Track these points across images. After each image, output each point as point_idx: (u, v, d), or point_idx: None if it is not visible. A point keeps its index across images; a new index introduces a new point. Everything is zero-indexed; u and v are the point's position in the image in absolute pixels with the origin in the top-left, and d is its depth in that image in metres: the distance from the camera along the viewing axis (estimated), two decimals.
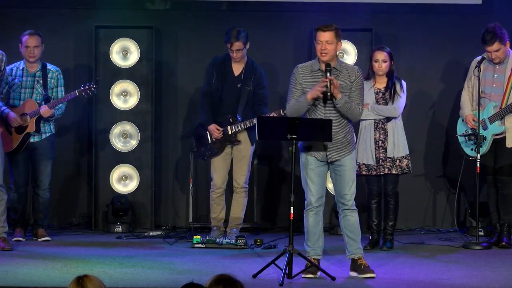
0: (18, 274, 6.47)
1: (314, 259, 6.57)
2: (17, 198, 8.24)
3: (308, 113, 6.54)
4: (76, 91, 8.19)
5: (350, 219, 6.58)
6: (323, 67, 6.50)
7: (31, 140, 8.16)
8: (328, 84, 6.36)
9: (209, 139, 8.25)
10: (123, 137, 9.16)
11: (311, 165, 6.58)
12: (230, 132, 8.18)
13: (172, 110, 9.40)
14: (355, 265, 6.57)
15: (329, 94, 6.39)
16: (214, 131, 8.19)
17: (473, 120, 7.98)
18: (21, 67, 8.24)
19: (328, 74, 6.41)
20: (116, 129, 9.16)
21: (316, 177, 6.58)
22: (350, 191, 6.55)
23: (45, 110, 8.05)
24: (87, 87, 8.20)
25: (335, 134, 6.46)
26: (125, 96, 9.16)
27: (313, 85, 6.46)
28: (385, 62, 7.80)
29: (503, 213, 8.06)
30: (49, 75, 8.26)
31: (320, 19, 9.16)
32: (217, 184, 8.30)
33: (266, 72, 8.55)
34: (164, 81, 9.37)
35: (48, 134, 8.25)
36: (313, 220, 6.62)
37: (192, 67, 9.34)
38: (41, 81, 8.22)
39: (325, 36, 6.48)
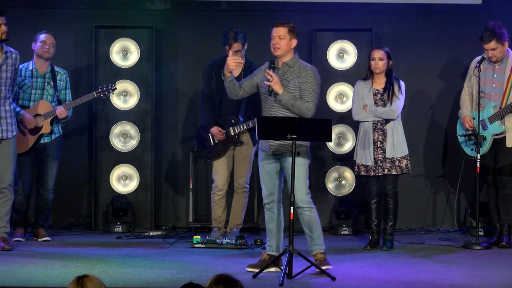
0: (18, 274, 6.47)
1: (268, 254, 6.69)
2: (21, 200, 8.24)
3: (263, 109, 6.73)
4: (94, 92, 8.24)
5: (304, 217, 6.64)
6: (279, 63, 6.69)
7: (42, 141, 8.18)
8: (268, 78, 6.54)
9: (212, 141, 8.25)
10: (123, 137, 9.16)
11: (262, 162, 6.74)
12: (232, 134, 8.18)
13: (172, 110, 9.40)
14: (315, 260, 6.61)
15: (269, 89, 6.59)
16: (216, 133, 8.18)
17: (470, 122, 7.98)
18: (30, 68, 8.25)
19: (272, 71, 6.59)
20: (116, 129, 9.16)
21: (265, 174, 6.72)
22: (297, 189, 6.53)
23: (61, 111, 8.09)
24: (105, 88, 8.23)
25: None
26: (125, 96, 9.16)
27: (261, 81, 6.71)
28: (382, 60, 7.80)
29: (503, 213, 8.06)
30: (58, 77, 8.29)
31: (320, 19, 9.22)
32: (218, 186, 8.30)
33: None
34: (164, 81, 9.37)
35: (57, 135, 8.28)
36: (268, 217, 6.76)
37: (192, 67, 9.34)
38: (51, 83, 8.24)
39: (278, 31, 6.69)
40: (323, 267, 6.53)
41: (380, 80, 7.87)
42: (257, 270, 6.49)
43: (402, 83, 7.89)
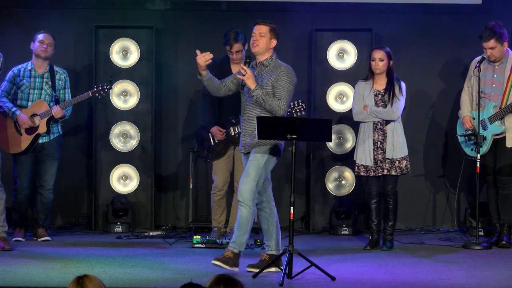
0: (18, 274, 6.47)
1: (268, 254, 6.68)
2: (20, 200, 8.24)
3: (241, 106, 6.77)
4: (90, 91, 8.23)
5: (239, 212, 6.59)
6: (256, 61, 6.74)
7: (40, 141, 8.18)
8: (242, 72, 6.57)
9: (212, 141, 8.25)
10: (123, 137, 9.16)
11: (244, 163, 6.73)
12: (233, 133, 8.17)
13: (172, 110, 9.40)
14: (224, 255, 6.59)
15: (242, 83, 6.64)
16: (217, 133, 8.18)
17: (470, 122, 7.98)
18: (28, 68, 8.24)
19: (247, 66, 6.64)
20: (116, 129, 9.16)
21: (240, 172, 6.78)
22: (242, 182, 6.54)
23: (57, 111, 8.08)
24: (100, 87, 8.23)
25: (251, 126, 6.61)
26: (125, 96, 9.16)
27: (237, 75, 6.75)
28: (382, 60, 7.80)
29: (503, 213, 8.06)
30: (57, 77, 8.28)
31: (320, 19, 9.22)
32: (218, 186, 8.30)
33: None
34: (164, 81, 9.37)
35: (56, 135, 8.27)
36: (261, 217, 6.81)
37: (192, 67, 9.26)
38: (49, 82, 8.24)
39: (259, 29, 6.74)
40: (219, 263, 6.44)
41: (381, 81, 7.87)
42: (257, 270, 6.49)
43: (403, 84, 7.88)
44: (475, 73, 7.94)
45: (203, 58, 6.67)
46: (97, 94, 8.25)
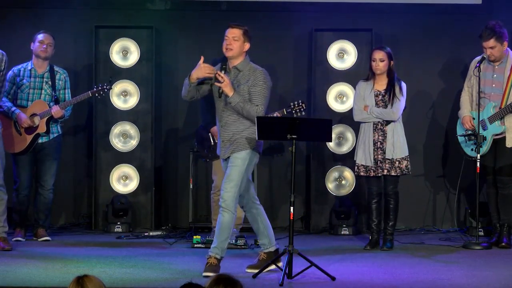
0: (18, 274, 6.47)
1: (265, 253, 6.68)
2: (20, 200, 8.24)
3: (216, 112, 6.66)
4: (90, 91, 8.23)
5: (220, 217, 6.54)
6: (229, 65, 6.63)
7: (39, 140, 8.18)
8: (219, 79, 6.47)
9: (212, 141, 8.24)
10: (123, 137, 9.16)
11: (224, 167, 6.69)
12: None
13: (172, 110, 9.40)
14: (206, 263, 6.53)
15: (219, 91, 6.52)
16: (217, 133, 8.16)
17: (470, 122, 7.98)
18: (29, 68, 8.25)
19: (222, 72, 6.53)
20: (116, 129, 9.16)
21: (222, 178, 6.66)
22: (225, 187, 6.50)
23: (56, 111, 8.08)
24: (100, 87, 8.23)
25: (229, 134, 6.55)
26: (125, 96, 9.16)
27: (213, 83, 6.63)
28: (383, 61, 7.79)
29: (503, 213, 8.06)
30: (57, 77, 8.29)
31: (320, 19, 9.22)
32: (218, 186, 8.28)
33: None
34: (164, 81, 9.38)
35: (55, 135, 8.27)
36: (249, 218, 6.78)
37: (192, 67, 9.27)
38: (49, 82, 8.24)
39: (232, 32, 6.63)
40: (209, 273, 6.34)
41: (382, 81, 7.86)
42: (256, 271, 6.49)
43: (404, 85, 7.88)
44: (475, 73, 7.94)
45: (207, 70, 6.57)
46: (96, 94, 8.26)
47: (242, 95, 6.53)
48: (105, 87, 8.27)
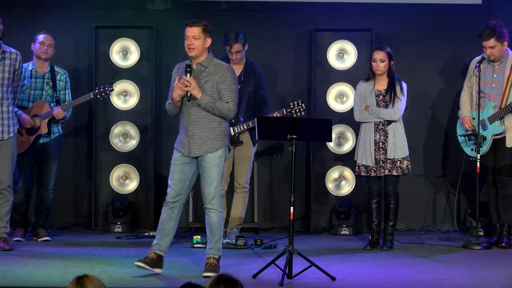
0: (18, 274, 6.47)
1: (155, 253, 6.56)
2: (21, 200, 8.24)
3: (182, 111, 6.54)
4: (91, 93, 8.23)
5: (209, 219, 6.53)
6: (193, 63, 6.53)
7: (40, 141, 8.18)
8: (186, 84, 6.38)
9: None
10: (123, 137, 9.16)
11: (176, 161, 6.58)
12: (233, 133, 8.17)
13: None
14: (205, 264, 6.52)
15: (188, 95, 6.42)
16: None
17: (470, 122, 7.98)
18: (29, 68, 8.24)
19: (188, 75, 6.44)
20: (116, 129, 9.16)
21: (177, 173, 6.55)
22: (209, 190, 6.47)
23: (58, 112, 8.08)
24: (102, 89, 8.23)
25: (198, 130, 6.46)
26: (125, 96, 9.16)
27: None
28: (383, 61, 7.79)
29: (503, 213, 8.06)
30: (58, 77, 8.29)
31: (320, 19, 9.22)
32: None
33: (266, 72, 8.56)
34: (164, 81, 9.36)
35: (56, 135, 8.28)
36: (167, 216, 6.61)
37: None
38: (50, 83, 8.24)
39: (192, 31, 6.53)
40: (209, 274, 6.34)
41: (382, 81, 7.86)
42: (146, 266, 6.44)
43: (404, 85, 7.88)
44: (475, 73, 7.94)
45: (184, 85, 6.41)
46: (98, 96, 8.26)
47: (210, 94, 6.45)
48: (106, 88, 8.27)
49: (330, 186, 9.11)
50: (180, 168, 6.56)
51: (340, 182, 9.09)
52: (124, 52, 9.17)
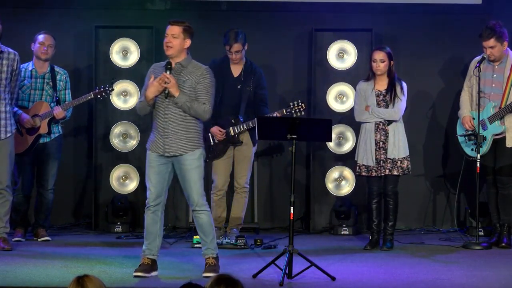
0: (18, 274, 6.47)
1: (148, 258, 6.54)
2: (21, 200, 8.24)
3: (156, 110, 6.49)
4: (92, 93, 8.23)
5: (199, 220, 6.51)
6: (173, 63, 6.49)
7: (40, 141, 8.18)
8: (166, 81, 6.35)
9: (212, 141, 8.25)
10: (123, 137, 9.16)
11: (151, 163, 6.53)
12: (232, 133, 8.17)
13: None
14: (205, 264, 6.52)
15: (166, 92, 6.40)
16: (216, 133, 8.17)
17: (470, 122, 7.98)
18: (29, 68, 8.24)
19: (168, 72, 6.41)
20: (116, 129, 9.16)
21: (155, 175, 6.51)
22: (193, 192, 6.45)
23: (58, 112, 8.08)
24: (102, 89, 8.23)
25: (174, 129, 6.42)
26: (125, 96, 9.16)
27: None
28: (383, 62, 7.79)
29: (503, 213, 8.06)
30: (58, 77, 8.29)
31: (320, 19, 9.22)
32: (218, 186, 8.30)
33: (266, 72, 8.55)
34: None
35: (56, 135, 8.28)
36: (151, 220, 6.55)
37: None
38: (50, 83, 8.24)
39: (172, 30, 6.47)
40: (209, 274, 6.34)
41: (382, 81, 7.86)
42: (144, 274, 6.41)
43: (404, 84, 7.88)
44: (475, 73, 7.94)
45: (161, 81, 6.36)
46: (98, 96, 8.26)
47: (188, 94, 6.42)
48: (107, 88, 8.27)
49: (330, 186, 9.11)
50: (156, 169, 6.52)
51: (340, 182, 9.09)
52: (124, 52, 9.17)
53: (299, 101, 8.14)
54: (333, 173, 9.10)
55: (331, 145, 9.06)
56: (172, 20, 6.52)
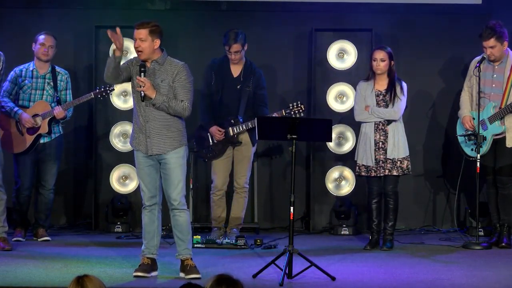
0: (18, 274, 6.47)
1: (148, 257, 6.54)
2: (21, 200, 8.24)
3: (136, 109, 6.47)
4: (92, 93, 8.23)
5: (178, 219, 6.49)
6: (148, 62, 6.45)
7: (41, 141, 8.18)
8: (140, 84, 6.32)
9: (211, 141, 8.25)
10: (123, 137, 9.16)
11: (140, 165, 6.54)
12: (232, 133, 8.17)
13: None
14: (183, 266, 6.48)
15: (141, 95, 6.36)
16: (216, 132, 8.17)
17: (470, 122, 7.98)
18: (30, 68, 8.24)
19: (142, 75, 6.37)
20: (116, 129, 9.16)
21: (146, 176, 6.52)
22: (175, 191, 6.42)
23: (58, 112, 8.08)
24: (102, 89, 8.23)
25: (156, 129, 6.39)
26: (125, 96, 9.16)
27: (134, 85, 6.45)
28: (383, 61, 7.79)
29: (503, 213, 8.06)
30: (59, 77, 8.29)
31: (320, 19, 9.22)
32: (218, 186, 8.29)
33: (266, 72, 8.56)
34: None
35: (57, 135, 8.28)
36: (148, 219, 6.56)
37: (192, 67, 9.26)
38: (51, 83, 8.24)
39: (138, 33, 6.42)
40: (192, 276, 6.34)
41: (382, 81, 7.86)
42: (144, 274, 6.41)
43: (404, 84, 7.88)
44: (475, 73, 7.94)
45: (119, 34, 6.36)
46: (99, 96, 8.26)
47: (166, 93, 6.38)
48: (107, 88, 8.27)
49: (330, 186, 9.11)
50: (146, 171, 6.52)
51: (340, 182, 9.09)
52: (125, 52, 9.14)
53: (299, 102, 8.13)
54: (333, 173, 9.10)
55: (331, 145, 9.06)
56: (137, 24, 6.45)
